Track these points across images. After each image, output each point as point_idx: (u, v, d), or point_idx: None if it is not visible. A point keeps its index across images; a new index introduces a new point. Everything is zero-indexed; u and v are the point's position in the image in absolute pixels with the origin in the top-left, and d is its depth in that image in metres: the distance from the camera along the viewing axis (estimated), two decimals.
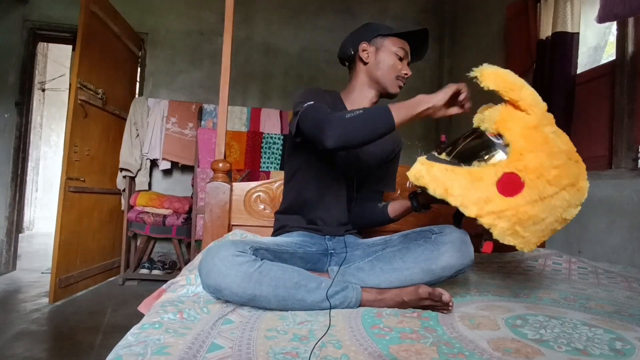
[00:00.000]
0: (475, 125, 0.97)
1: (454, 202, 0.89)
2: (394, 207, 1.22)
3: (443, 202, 0.93)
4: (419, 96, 0.97)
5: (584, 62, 2.19)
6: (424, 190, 0.95)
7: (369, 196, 1.32)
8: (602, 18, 1.49)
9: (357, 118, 0.96)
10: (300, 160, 1.24)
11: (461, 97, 0.96)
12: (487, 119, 0.93)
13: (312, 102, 1.07)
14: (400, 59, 1.21)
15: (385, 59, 1.20)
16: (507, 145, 0.89)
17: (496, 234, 0.89)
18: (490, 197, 0.87)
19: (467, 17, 3.41)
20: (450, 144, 0.99)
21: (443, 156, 0.96)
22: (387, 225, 1.29)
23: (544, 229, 0.90)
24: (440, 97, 0.94)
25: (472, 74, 0.91)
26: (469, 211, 0.89)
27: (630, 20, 1.82)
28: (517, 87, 0.90)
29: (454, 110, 0.99)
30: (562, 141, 0.92)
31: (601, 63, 2.13)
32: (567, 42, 2.00)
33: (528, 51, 2.28)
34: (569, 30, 2.00)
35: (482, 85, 0.89)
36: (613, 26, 2.00)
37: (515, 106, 0.91)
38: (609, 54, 2.13)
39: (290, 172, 1.29)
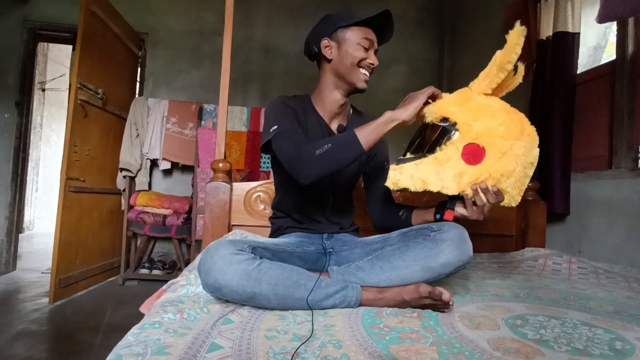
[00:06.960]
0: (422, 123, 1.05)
1: (434, 188, 0.97)
2: (417, 219, 1.16)
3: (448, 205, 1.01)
4: (387, 113, 0.98)
5: (584, 62, 2.19)
6: (404, 191, 1.01)
7: (378, 193, 1.28)
8: (602, 18, 1.49)
9: (326, 153, 0.97)
10: (282, 169, 1.17)
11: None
12: (427, 113, 0.99)
13: (279, 127, 1.07)
14: (366, 49, 1.14)
15: (349, 52, 1.13)
16: (455, 124, 0.96)
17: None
18: (463, 171, 0.95)
19: (467, 17, 3.41)
20: (409, 145, 1.06)
21: (408, 156, 1.03)
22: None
23: (519, 178, 0.96)
24: (409, 112, 0.97)
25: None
26: (451, 190, 0.96)
27: (630, 20, 1.82)
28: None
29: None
30: (495, 101, 0.99)
31: (601, 63, 2.13)
32: (567, 42, 2.00)
33: (528, 51, 2.27)
34: (570, 30, 2.00)
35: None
36: (613, 26, 1.99)
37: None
38: (609, 54, 2.13)
39: (276, 179, 1.30)
